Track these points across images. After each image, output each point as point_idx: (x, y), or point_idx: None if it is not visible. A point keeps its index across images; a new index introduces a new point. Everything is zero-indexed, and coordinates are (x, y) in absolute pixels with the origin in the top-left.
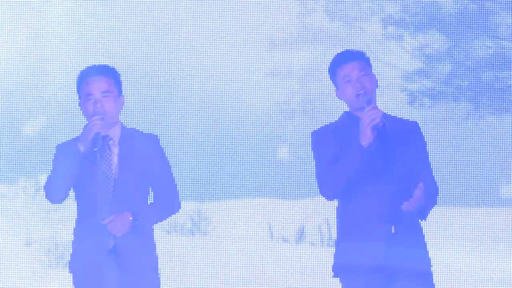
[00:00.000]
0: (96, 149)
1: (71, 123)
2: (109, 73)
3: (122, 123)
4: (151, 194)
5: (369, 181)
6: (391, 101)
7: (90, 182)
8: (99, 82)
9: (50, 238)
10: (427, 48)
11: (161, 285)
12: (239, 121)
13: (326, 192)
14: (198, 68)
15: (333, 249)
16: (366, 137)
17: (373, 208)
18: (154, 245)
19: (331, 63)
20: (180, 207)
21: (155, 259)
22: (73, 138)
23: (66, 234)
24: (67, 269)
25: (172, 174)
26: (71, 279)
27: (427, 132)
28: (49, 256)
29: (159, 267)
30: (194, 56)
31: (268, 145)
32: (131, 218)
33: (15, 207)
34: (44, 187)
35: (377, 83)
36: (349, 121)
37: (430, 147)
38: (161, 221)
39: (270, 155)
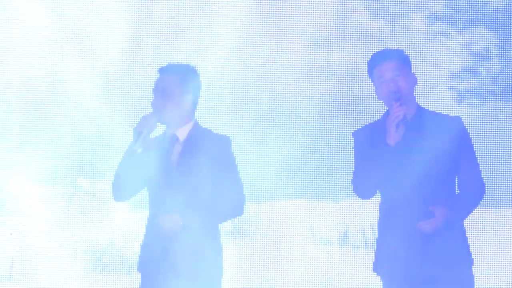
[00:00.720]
0: (135, 148)
1: (109, 125)
2: (175, 73)
3: (196, 121)
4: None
5: (399, 180)
6: (438, 101)
7: (153, 181)
8: (161, 81)
9: (87, 241)
10: (475, 46)
11: None
12: (279, 122)
13: (357, 191)
14: (238, 68)
15: None
16: (391, 135)
17: (406, 206)
18: (218, 246)
19: (368, 63)
20: (243, 212)
21: (215, 261)
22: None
23: (104, 237)
24: (104, 274)
25: (238, 177)
26: (139, 279)
27: (476, 132)
28: (85, 260)
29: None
30: (233, 56)
31: (308, 145)
32: (180, 222)
33: (52, 210)
34: (112, 183)
35: (415, 82)
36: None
37: (478, 147)
38: (220, 222)
39: (310, 156)
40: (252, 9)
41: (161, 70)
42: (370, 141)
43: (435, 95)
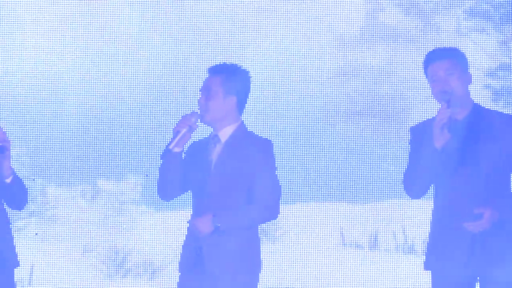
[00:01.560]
0: (170, 147)
1: (131, 125)
2: (221, 72)
3: (242, 123)
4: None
5: (448, 181)
6: (474, 99)
7: (192, 180)
8: (208, 81)
9: (109, 244)
10: None
11: None
12: (308, 122)
13: (406, 190)
14: (267, 69)
15: (409, 256)
16: (436, 138)
17: (457, 206)
18: (254, 246)
19: (423, 61)
20: (278, 214)
21: (249, 262)
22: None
23: (126, 240)
24: (127, 279)
25: (276, 181)
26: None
27: None
28: (108, 264)
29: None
30: (264, 56)
31: (339, 146)
32: (214, 224)
33: (72, 212)
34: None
35: (470, 80)
36: None
37: None
38: (253, 225)
39: (339, 157)
40: (282, 8)
41: (209, 70)
42: (422, 139)
43: (471, 93)
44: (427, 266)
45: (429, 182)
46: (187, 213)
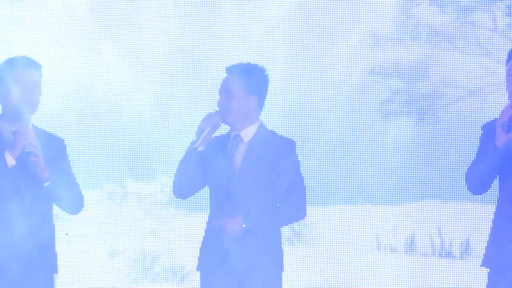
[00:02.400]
0: (196, 146)
1: (159, 126)
2: (240, 72)
3: (261, 123)
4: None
5: (509, 179)
6: (508, 100)
7: (215, 180)
8: (226, 81)
9: (137, 248)
10: None
11: None
12: (342, 122)
13: (467, 184)
14: (300, 69)
15: (446, 260)
16: (498, 136)
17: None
18: (278, 247)
19: (508, 53)
20: (305, 214)
21: (275, 262)
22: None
23: (155, 243)
24: (155, 283)
25: (301, 180)
26: (199, 277)
27: None
28: (135, 268)
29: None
30: (298, 57)
31: (372, 146)
32: (244, 224)
33: (99, 214)
34: (173, 181)
35: None
36: None
37: None
38: (281, 226)
39: (374, 158)
40: (315, 7)
41: (228, 70)
42: (489, 137)
43: (505, 93)
44: (485, 263)
45: (489, 179)
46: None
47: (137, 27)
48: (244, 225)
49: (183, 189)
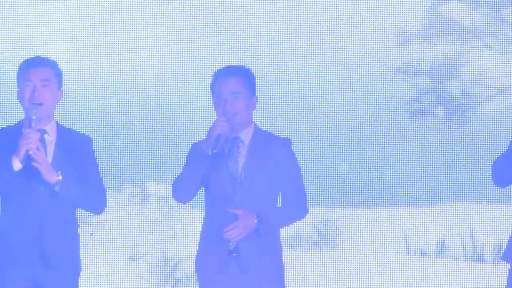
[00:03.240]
0: (215, 151)
1: (181, 125)
2: (241, 73)
3: (255, 124)
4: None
5: None
6: None
7: (217, 183)
8: (229, 83)
9: (158, 252)
10: None
11: None
12: (370, 124)
13: (492, 176)
14: (329, 68)
15: (478, 264)
16: None
17: None
18: (280, 248)
19: None
20: (307, 212)
21: (279, 263)
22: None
23: (177, 248)
24: None
25: (302, 178)
26: (196, 278)
27: None
28: (156, 273)
29: (285, 274)
30: (321, 53)
31: (400, 147)
32: (255, 221)
33: (119, 216)
34: (172, 185)
35: None
36: None
37: None
38: (286, 225)
39: (403, 159)
40: (342, 4)
41: (226, 72)
42: None
43: None
44: (506, 257)
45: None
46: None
47: (161, 26)
48: (261, 225)
49: (189, 193)
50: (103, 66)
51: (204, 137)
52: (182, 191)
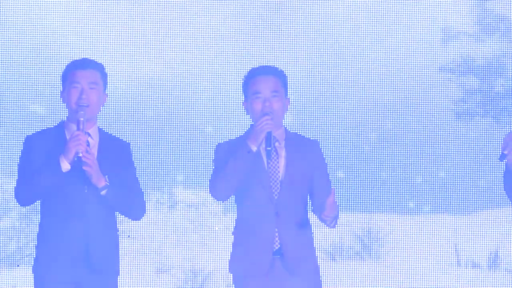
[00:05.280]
0: (269, 149)
1: (211, 127)
2: (278, 73)
3: (285, 126)
4: None
5: None
6: None
7: (255, 183)
8: (269, 81)
9: (187, 264)
10: None
11: None
12: (415, 125)
13: None
14: (366, 67)
15: None
16: None
17: None
18: (314, 248)
19: None
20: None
21: (316, 262)
22: (237, 138)
23: (207, 259)
24: None
25: (330, 179)
26: (231, 279)
27: None
28: (186, 285)
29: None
30: (363, 53)
31: (445, 149)
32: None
33: (145, 224)
34: (210, 181)
35: None
36: None
37: None
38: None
39: (448, 161)
40: (385, 2)
41: (263, 71)
42: None
43: None
44: None
45: None
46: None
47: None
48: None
49: (229, 190)
50: (134, 72)
51: (228, 139)
52: (222, 188)
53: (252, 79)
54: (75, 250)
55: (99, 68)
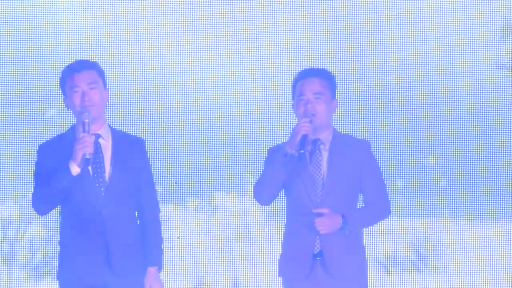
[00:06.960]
0: (302, 151)
1: (253, 128)
2: (324, 75)
3: (334, 128)
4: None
5: None
6: None
7: (298, 185)
8: (312, 83)
9: (229, 276)
10: None
11: None
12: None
13: None
14: (423, 65)
15: None
16: None
17: None
18: (363, 248)
19: None
20: (390, 213)
21: (363, 263)
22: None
23: (251, 272)
24: None
25: (383, 180)
26: (280, 282)
27: None
28: None
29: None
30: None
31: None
32: (341, 221)
33: (183, 233)
34: (253, 187)
35: None
36: None
37: None
38: (369, 226)
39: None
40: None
41: (309, 73)
42: None
43: None
44: None
45: None
46: None
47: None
48: (346, 226)
49: (272, 194)
50: (167, 71)
51: (276, 144)
52: (265, 193)
53: (297, 81)
54: (96, 253)
55: (94, 66)
